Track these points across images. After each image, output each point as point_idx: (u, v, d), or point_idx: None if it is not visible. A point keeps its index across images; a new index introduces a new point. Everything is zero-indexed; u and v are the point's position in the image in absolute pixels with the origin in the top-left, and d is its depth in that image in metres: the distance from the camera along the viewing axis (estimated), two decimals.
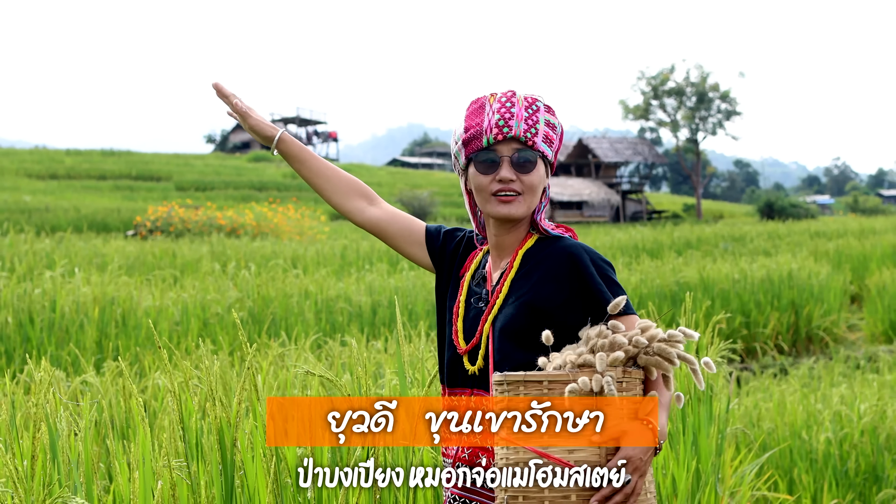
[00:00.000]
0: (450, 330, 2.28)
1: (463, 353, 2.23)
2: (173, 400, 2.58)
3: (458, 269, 2.36)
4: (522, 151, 2.19)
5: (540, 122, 2.20)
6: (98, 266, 11.65)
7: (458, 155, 2.25)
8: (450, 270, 2.37)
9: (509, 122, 2.18)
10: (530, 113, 2.20)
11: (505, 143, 2.19)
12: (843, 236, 19.96)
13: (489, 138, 2.18)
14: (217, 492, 2.56)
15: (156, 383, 4.41)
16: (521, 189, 2.19)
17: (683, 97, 53.54)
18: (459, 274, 2.34)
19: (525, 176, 2.19)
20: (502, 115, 2.18)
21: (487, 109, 2.20)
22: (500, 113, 2.19)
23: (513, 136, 2.18)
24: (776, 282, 11.41)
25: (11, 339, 6.89)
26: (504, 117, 2.18)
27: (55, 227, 21.22)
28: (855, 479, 5.32)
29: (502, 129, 2.17)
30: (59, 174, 42.16)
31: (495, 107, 2.20)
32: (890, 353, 9.98)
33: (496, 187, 2.19)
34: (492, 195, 2.20)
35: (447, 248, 2.39)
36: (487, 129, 2.18)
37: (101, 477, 3.07)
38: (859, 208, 62.67)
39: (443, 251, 2.39)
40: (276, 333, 7.78)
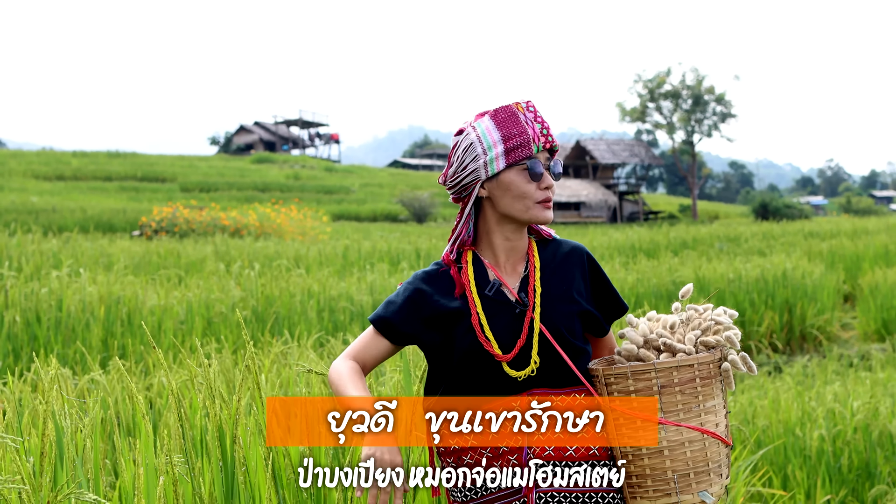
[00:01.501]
0: (476, 347, 2.19)
1: (505, 361, 2.18)
2: (173, 398, 2.58)
3: (443, 304, 2.25)
4: (555, 161, 2.27)
5: None
6: (104, 266, 11.64)
7: (490, 162, 2.22)
8: (436, 318, 2.25)
9: (549, 132, 2.25)
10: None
11: (542, 152, 2.25)
12: (836, 237, 19.95)
13: (538, 146, 2.22)
14: (218, 488, 2.56)
15: (161, 381, 4.40)
16: (551, 196, 2.28)
17: (679, 100, 53.53)
18: (457, 295, 2.26)
19: (555, 183, 2.27)
20: (543, 125, 2.25)
21: (523, 118, 2.23)
22: (539, 122, 2.24)
23: (552, 147, 2.26)
24: (770, 281, 11.41)
25: (19, 337, 6.89)
26: (545, 127, 2.25)
27: (62, 228, 21.20)
28: (848, 475, 5.32)
29: (547, 139, 2.24)
30: (65, 175, 42.15)
31: (529, 116, 2.24)
32: (882, 351, 9.97)
33: (541, 195, 2.24)
34: (536, 202, 2.24)
35: (419, 318, 2.25)
36: (535, 138, 2.22)
37: (107, 473, 3.07)
38: (852, 209, 62.66)
39: (416, 326, 2.25)
40: (280, 332, 7.78)
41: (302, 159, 61.62)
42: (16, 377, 3.77)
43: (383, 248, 15.11)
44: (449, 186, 2.28)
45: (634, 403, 2.10)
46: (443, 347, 2.24)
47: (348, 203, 41.61)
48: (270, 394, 3.13)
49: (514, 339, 2.20)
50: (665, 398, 2.09)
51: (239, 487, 2.58)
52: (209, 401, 2.57)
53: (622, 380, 2.12)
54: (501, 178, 2.23)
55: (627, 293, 10.59)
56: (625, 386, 2.12)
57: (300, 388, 3.35)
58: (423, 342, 2.25)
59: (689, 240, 19.71)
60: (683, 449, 2.09)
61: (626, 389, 2.11)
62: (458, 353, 2.21)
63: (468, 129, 2.26)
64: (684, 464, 2.09)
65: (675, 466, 2.09)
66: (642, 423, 2.09)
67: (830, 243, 16.81)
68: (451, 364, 2.22)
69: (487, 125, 2.23)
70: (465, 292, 2.25)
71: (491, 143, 2.22)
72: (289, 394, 3.44)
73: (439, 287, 2.27)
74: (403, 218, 39.01)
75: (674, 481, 2.08)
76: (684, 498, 2.09)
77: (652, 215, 53.17)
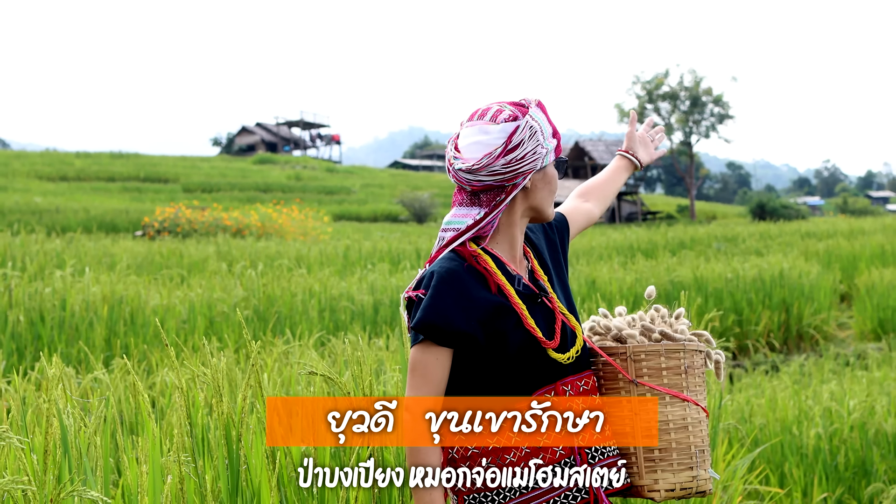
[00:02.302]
0: (529, 339, 2.14)
1: (551, 347, 2.16)
2: (181, 396, 2.57)
3: (488, 298, 2.15)
4: None
5: None
6: (107, 265, 11.64)
7: (548, 153, 2.19)
8: (486, 314, 2.13)
9: None
10: None
11: None
12: (832, 237, 19.94)
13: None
14: (223, 485, 2.56)
15: (163, 380, 4.40)
16: None
17: (677, 101, 53.53)
18: (494, 292, 2.16)
19: None
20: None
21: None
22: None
23: None
24: (768, 281, 11.41)
25: (23, 336, 6.88)
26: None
27: (65, 228, 21.19)
28: (844, 473, 5.32)
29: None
30: (69, 176, 42.13)
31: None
32: (878, 350, 9.97)
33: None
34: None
35: (474, 317, 2.12)
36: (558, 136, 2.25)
37: (110, 471, 3.07)
38: (848, 209, 62.64)
39: (472, 324, 2.11)
40: (281, 331, 7.78)
41: (303, 160, 61.61)
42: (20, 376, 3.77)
43: (384, 248, 15.10)
44: (496, 171, 2.12)
45: (665, 381, 2.22)
46: (489, 345, 2.12)
47: (349, 203, 41.61)
48: (272, 393, 3.13)
49: (551, 327, 2.19)
50: (689, 378, 2.23)
51: (242, 485, 2.58)
52: (215, 399, 2.56)
53: (654, 356, 2.23)
54: (547, 171, 2.22)
55: (626, 293, 10.59)
56: (657, 363, 2.22)
57: (301, 386, 3.35)
58: (478, 340, 2.10)
59: (687, 240, 19.70)
60: (700, 426, 2.22)
61: (658, 366, 2.22)
62: (513, 348, 2.11)
63: (526, 118, 2.15)
64: (701, 440, 2.22)
65: (696, 442, 2.21)
66: (670, 400, 2.20)
67: (827, 243, 16.81)
68: (505, 359, 2.11)
69: (541, 116, 2.19)
70: (500, 288, 2.16)
71: (549, 134, 2.20)
72: (290, 392, 3.44)
73: (473, 283, 2.14)
74: (404, 218, 39.01)
75: (696, 455, 2.19)
76: (701, 472, 2.20)
77: (650, 215, 53.17)
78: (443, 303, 2.07)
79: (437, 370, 2.07)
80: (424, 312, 2.07)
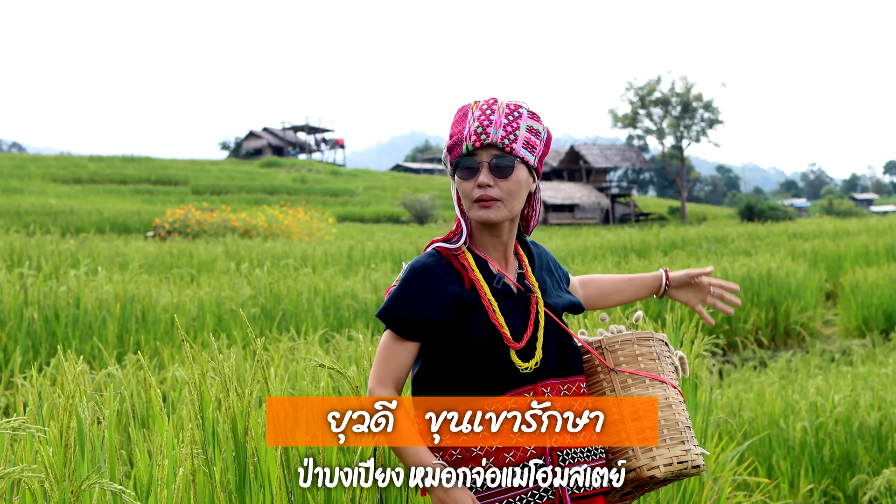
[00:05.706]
0: (494, 337, 2.10)
1: (515, 348, 2.09)
2: (193, 390, 2.58)
3: (456, 290, 2.12)
4: (500, 157, 2.12)
5: (521, 128, 2.14)
6: (119, 265, 11.64)
7: (445, 161, 2.19)
8: (451, 306, 2.11)
9: (487, 129, 2.11)
10: (510, 120, 2.14)
11: (484, 149, 2.13)
12: (818, 237, 19.93)
13: (468, 145, 2.12)
14: (231, 477, 2.56)
15: (174, 375, 4.40)
16: (500, 195, 2.13)
17: (669, 107, 53.55)
18: (467, 288, 2.14)
19: (503, 181, 2.13)
20: (481, 123, 2.12)
21: (469, 117, 2.14)
22: (479, 120, 2.12)
23: (490, 143, 2.11)
24: (756, 280, 11.41)
25: (38, 334, 6.89)
26: (483, 124, 2.12)
27: (79, 229, 21.19)
28: (830, 465, 5.32)
29: (480, 136, 2.11)
30: (82, 179, 42.14)
31: (476, 114, 2.13)
32: (863, 346, 9.97)
33: (477, 193, 2.12)
34: (473, 201, 2.14)
35: (435, 307, 2.10)
36: (467, 137, 2.12)
37: (122, 463, 3.07)
38: (834, 211, 62.65)
39: (432, 312, 2.09)
40: (287, 328, 7.78)
41: (308, 163, 61.60)
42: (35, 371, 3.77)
43: (386, 248, 15.10)
44: None
45: (641, 365, 2.27)
46: (455, 337, 2.10)
47: (353, 205, 41.62)
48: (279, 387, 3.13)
49: (524, 329, 2.12)
50: (662, 364, 2.30)
51: (250, 477, 2.58)
52: (223, 394, 2.57)
53: (627, 345, 2.28)
54: (455, 178, 2.18)
55: None
56: (631, 350, 2.28)
57: (307, 381, 3.35)
58: (442, 329, 2.09)
59: (679, 240, 19.70)
60: (682, 406, 2.27)
61: (633, 353, 2.28)
62: (479, 342, 2.08)
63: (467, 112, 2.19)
64: (686, 418, 2.26)
65: (681, 419, 2.24)
66: (650, 382, 2.25)
67: (813, 244, 16.80)
68: (465, 355, 2.09)
69: (462, 116, 2.18)
70: (474, 285, 2.14)
71: (445, 143, 2.18)
72: (296, 387, 3.44)
73: (447, 278, 2.14)
74: (405, 219, 39.02)
75: (685, 430, 2.23)
76: (692, 447, 2.23)
77: (643, 217, 53.17)
78: (408, 294, 2.10)
79: (401, 356, 2.11)
80: (389, 303, 2.11)
